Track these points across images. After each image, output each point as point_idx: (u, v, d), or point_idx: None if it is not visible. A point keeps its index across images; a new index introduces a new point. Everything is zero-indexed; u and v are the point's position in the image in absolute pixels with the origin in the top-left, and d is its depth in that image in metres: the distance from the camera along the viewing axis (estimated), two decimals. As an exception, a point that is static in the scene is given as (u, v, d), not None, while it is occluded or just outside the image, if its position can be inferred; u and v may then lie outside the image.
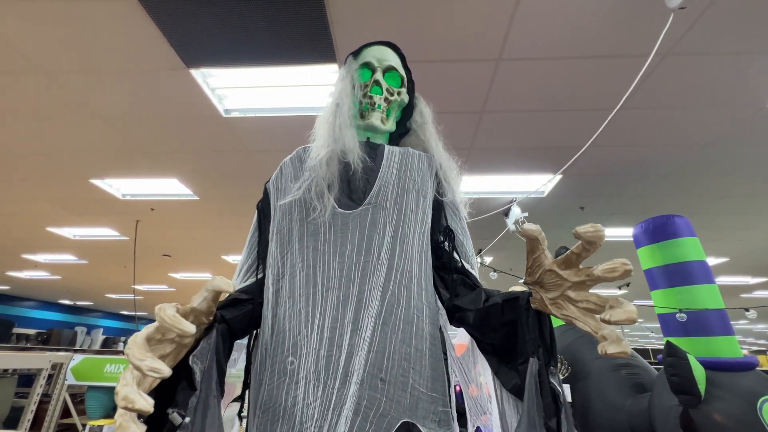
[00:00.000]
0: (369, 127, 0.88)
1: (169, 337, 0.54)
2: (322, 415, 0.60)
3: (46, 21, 1.91)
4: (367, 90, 0.89)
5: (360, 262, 0.71)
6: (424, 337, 0.70)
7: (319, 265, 0.72)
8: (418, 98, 1.00)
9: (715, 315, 2.30)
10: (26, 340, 7.88)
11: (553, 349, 0.64)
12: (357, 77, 0.92)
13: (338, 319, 0.67)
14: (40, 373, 2.01)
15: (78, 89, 2.39)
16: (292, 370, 0.65)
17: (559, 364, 2.92)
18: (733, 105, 2.44)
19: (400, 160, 0.85)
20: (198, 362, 0.60)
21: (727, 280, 6.89)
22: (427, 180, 0.86)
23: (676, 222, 2.59)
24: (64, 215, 4.52)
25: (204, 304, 0.58)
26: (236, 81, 2.36)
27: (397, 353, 0.65)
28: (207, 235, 5.20)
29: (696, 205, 3.90)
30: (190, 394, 0.58)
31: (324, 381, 0.62)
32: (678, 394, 1.95)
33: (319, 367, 0.63)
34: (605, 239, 0.53)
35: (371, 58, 0.92)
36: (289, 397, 0.63)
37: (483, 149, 2.99)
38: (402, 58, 0.98)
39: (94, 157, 3.20)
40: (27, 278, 8.34)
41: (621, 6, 1.79)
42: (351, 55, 0.97)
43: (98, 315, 13.92)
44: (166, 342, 0.55)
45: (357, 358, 0.63)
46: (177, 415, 0.54)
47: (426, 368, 0.68)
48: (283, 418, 0.63)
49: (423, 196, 0.83)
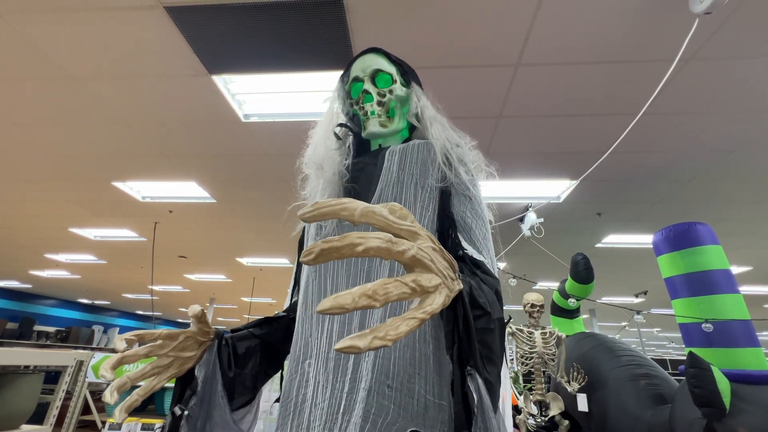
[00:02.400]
0: (371, 136, 0.89)
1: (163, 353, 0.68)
2: (331, 417, 0.61)
3: (74, 28, 1.98)
4: (360, 103, 0.90)
5: (365, 268, 0.72)
6: (428, 340, 0.68)
7: (329, 274, 0.75)
8: (413, 86, 0.96)
9: (740, 326, 2.24)
10: (46, 338, 8.09)
11: (471, 346, 0.54)
12: (351, 94, 0.94)
13: (346, 323, 0.68)
14: (65, 370, 2.06)
15: (104, 94, 2.46)
16: (304, 369, 0.68)
17: (574, 372, 2.87)
18: (758, 110, 2.39)
19: (399, 158, 0.83)
20: (202, 370, 0.74)
21: (751, 289, 6.69)
22: (428, 168, 0.82)
23: (699, 229, 2.53)
24: (86, 216, 4.65)
25: (194, 327, 0.72)
26: (256, 87, 2.41)
27: (402, 358, 0.64)
28: (223, 237, 5.29)
29: (718, 213, 3.81)
30: (192, 395, 0.72)
31: (332, 383, 0.63)
32: (701, 406, 1.90)
33: (327, 369, 0.65)
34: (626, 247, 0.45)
35: (357, 72, 0.92)
36: (300, 394, 0.66)
37: (500, 154, 2.98)
38: (388, 56, 0.95)
39: (117, 160, 3.29)
40: (48, 277, 8.58)
41: (644, 11, 1.77)
42: (339, 80, 0.99)
43: (115, 314, 14.23)
44: (164, 357, 0.69)
45: (364, 364, 0.63)
46: (177, 409, 0.70)
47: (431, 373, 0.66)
48: (294, 413, 0.65)
49: (421, 187, 0.79)
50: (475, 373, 0.54)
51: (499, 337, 0.60)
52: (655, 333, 12.18)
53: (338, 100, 0.99)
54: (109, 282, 8.94)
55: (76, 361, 2.42)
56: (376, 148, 0.91)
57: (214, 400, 0.74)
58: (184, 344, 0.71)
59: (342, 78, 0.99)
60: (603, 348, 3.09)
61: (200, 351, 0.74)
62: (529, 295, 3.19)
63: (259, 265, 6.77)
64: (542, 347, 2.84)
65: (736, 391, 1.93)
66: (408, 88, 0.94)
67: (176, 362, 0.70)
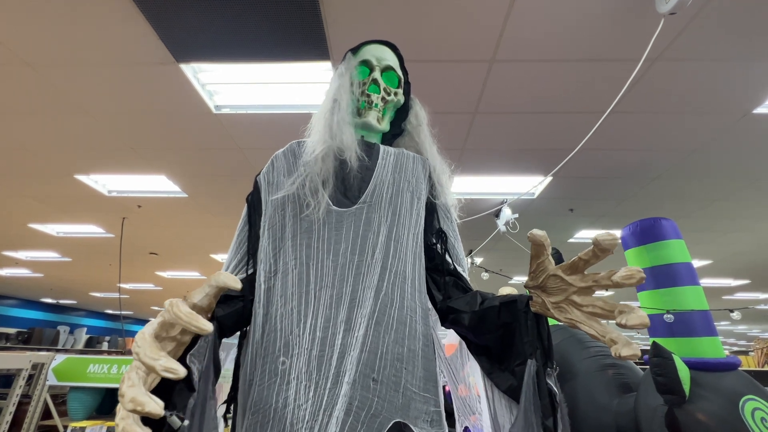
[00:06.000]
0: (365, 126, 0.88)
1: (171, 335, 0.51)
2: (313, 416, 0.59)
3: (32, 13, 1.85)
4: (365, 88, 0.89)
5: (354, 261, 0.70)
6: (417, 337, 0.70)
7: (312, 263, 0.70)
8: (414, 100, 1.00)
9: (700, 316, 2.34)
10: (6, 340, 7.66)
11: (550, 352, 0.65)
12: (355, 74, 0.91)
13: (331, 318, 0.66)
14: (20, 374, 1.95)
15: (64, 83, 2.33)
16: (284, 370, 0.64)
17: (549, 365, 2.95)
18: (720, 110, 2.49)
19: (395, 161, 0.84)
20: (195, 361, 0.56)
21: (710, 282, 7.05)
22: (422, 182, 0.86)
23: (663, 224, 2.63)
24: (47, 211, 4.40)
25: (205, 300, 0.54)
26: (227, 77, 2.33)
27: (390, 353, 0.65)
28: (195, 233, 5.13)
29: (682, 209, 3.98)
30: (188, 395, 0.54)
31: (315, 381, 0.61)
32: (664, 393, 1.98)
33: (310, 368, 0.62)
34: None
35: (370, 57, 0.91)
36: (280, 398, 0.62)
37: (475, 150, 3.00)
38: (400, 59, 0.97)
39: (79, 153, 3.12)
40: (7, 276, 8.12)
41: (613, 10, 1.81)
42: (350, 51, 0.96)
43: (82, 314, 13.62)
44: (167, 340, 0.51)
45: (349, 358, 0.62)
46: (176, 419, 0.51)
47: (418, 368, 0.68)
48: (273, 419, 0.61)
49: (417, 197, 0.83)
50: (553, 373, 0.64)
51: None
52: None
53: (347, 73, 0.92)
54: (74, 280, 8.54)
55: (32, 363, 2.28)
56: (359, 137, 0.88)
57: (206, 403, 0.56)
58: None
59: (352, 51, 0.96)
60: (573, 340, 3.17)
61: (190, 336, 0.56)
62: (504, 289, 3.25)
63: (235, 262, 6.62)
64: (515, 340, 2.89)
65: (696, 378, 2.03)
66: (407, 98, 0.98)
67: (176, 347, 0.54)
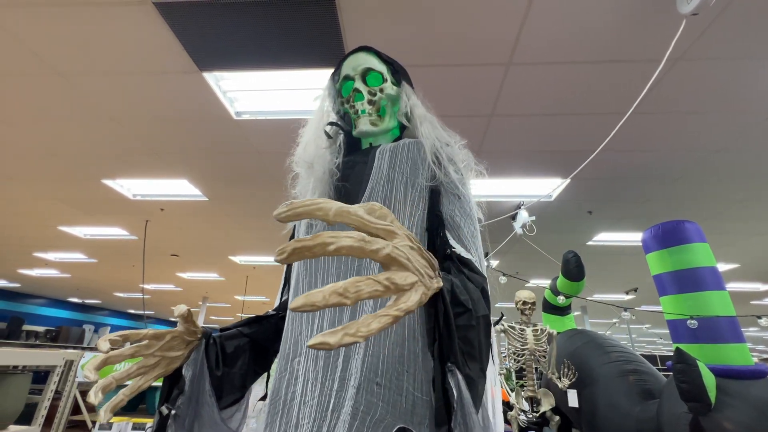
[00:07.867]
0: (361, 135, 0.89)
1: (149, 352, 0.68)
2: (320, 415, 0.60)
3: (62, 23, 1.95)
4: (351, 101, 0.91)
5: (354, 266, 0.72)
6: (417, 338, 0.68)
7: (319, 272, 0.74)
8: (403, 86, 0.96)
9: (726, 322, 2.28)
10: (35, 338, 7.96)
11: (452, 343, 0.55)
12: (342, 93, 0.94)
13: (335, 322, 0.68)
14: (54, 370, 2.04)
15: (92, 91, 2.43)
16: (293, 367, 0.68)
17: (565, 369, 2.90)
18: (744, 110, 2.43)
19: (390, 157, 0.83)
20: (189, 369, 0.74)
21: (738, 286, 6.81)
22: (418, 167, 0.82)
23: (687, 227, 2.57)
24: (75, 214, 4.59)
25: (180, 327, 0.72)
26: (247, 84, 2.40)
27: (391, 356, 0.65)
28: (215, 235, 5.25)
29: (706, 211, 3.86)
30: (179, 394, 0.72)
31: (322, 381, 0.63)
32: (688, 401, 1.94)
33: (317, 367, 0.65)
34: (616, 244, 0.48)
35: (348, 70, 0.92)
36: (289, 392, 0.66)
37: (491, 152, 2.99)
38: (379, 55, 0.95)
39: (106, 158, 3.25)
40: (37, 276, 8.45)
41: (633, 11, 1.79)
42: (330, 79, 0.99)
43: (106, 313, 14.07)
44: (150, 356, 0.69)
45: (354, 362, 0.63)
46: (164, 408, 0.71)
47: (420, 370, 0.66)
48: (282, 411, 0.65)
49: (411, 186, 0.79)
50: (456, 369, 0.54)
51: (483, 334, 0.60)
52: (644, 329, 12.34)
53: (329, 98, 0.98)
54: (99, 281, 8.84)
55: (65, 361, 2.39)
56: (367, 146, 0.91)
57: (202, 399, 0.75)
58: (171, 344, 0.71)
59: (333, 76, 0.98)
60: (593, 344, 3.12)
61: (187, 350, 0.74)
62: (521, 293, 3.22)
63: (252, 264, 6.73)
64: (534, 344, 2.87)
65: (722, 386, 1.97)
66: (398, 86, 0.94)
67: (163, 362, 0.71)
